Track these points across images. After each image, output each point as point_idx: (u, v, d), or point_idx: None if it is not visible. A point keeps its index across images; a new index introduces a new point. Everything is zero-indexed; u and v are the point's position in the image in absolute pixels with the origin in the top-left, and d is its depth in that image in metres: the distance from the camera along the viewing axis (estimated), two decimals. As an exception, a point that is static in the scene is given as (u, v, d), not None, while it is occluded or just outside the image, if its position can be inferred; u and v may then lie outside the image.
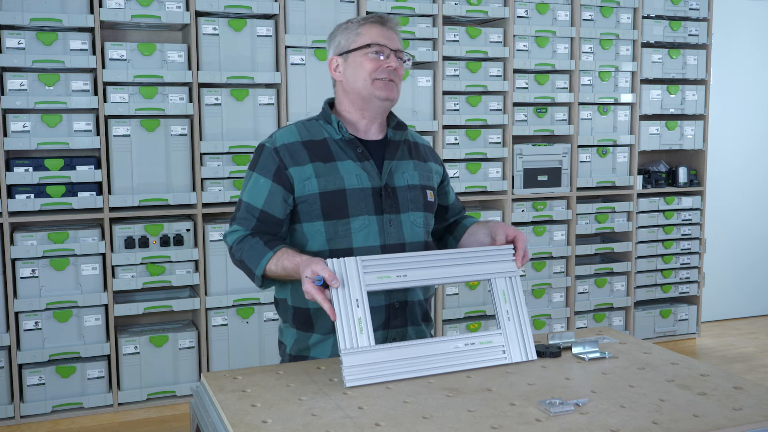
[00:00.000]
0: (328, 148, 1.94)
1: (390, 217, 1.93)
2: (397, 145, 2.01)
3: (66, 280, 3.58)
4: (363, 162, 1.94)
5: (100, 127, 3.59)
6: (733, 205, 5.52)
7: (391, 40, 1.95)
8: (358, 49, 1.93)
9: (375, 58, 1.92)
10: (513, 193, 4.36)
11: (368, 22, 1.96)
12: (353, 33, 1.95)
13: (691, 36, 4.74)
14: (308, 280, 1.66)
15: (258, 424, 1.43)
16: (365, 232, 1.90)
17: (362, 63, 1.93)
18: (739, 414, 1.47)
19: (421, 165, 2.04)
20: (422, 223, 1.99)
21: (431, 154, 2.13)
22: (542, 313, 4.49)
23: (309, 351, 1.95)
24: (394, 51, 1.94)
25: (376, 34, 1.93)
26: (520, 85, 4.35)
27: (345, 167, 1.92)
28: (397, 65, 1.94)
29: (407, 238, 1.95)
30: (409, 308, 1.97)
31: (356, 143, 1.96)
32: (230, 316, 3.82)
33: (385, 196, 1.94)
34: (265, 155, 1.93)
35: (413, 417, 1.46)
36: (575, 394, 1.57)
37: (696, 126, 4.83)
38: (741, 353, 4.78)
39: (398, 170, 1.98)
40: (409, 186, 1.98)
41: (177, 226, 3.73)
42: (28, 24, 3.45)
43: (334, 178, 1.90)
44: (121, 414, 3.70)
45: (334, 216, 1.88)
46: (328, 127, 1.98)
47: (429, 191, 2.03)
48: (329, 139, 1.96)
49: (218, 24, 3.72)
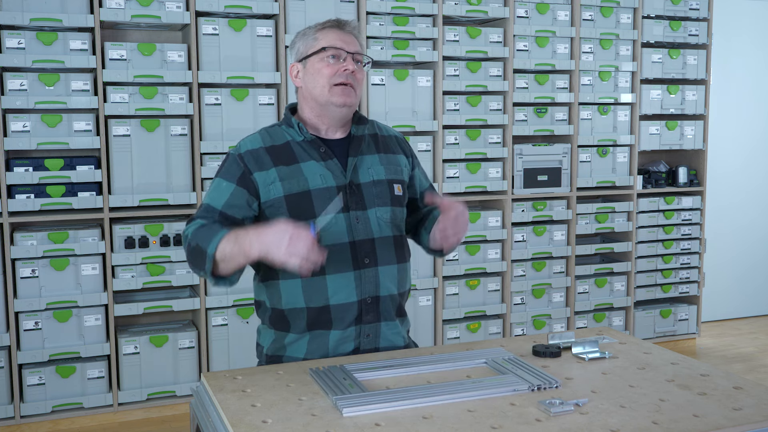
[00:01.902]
0: (290, 151, 1.94)
1: (357, 214, 1.93)
2: (360, 140, 2.01)
3: (66, 280, 3.58)
4: (326, 161, 1.94)
5: (100, 127, 3.58)
6: (733, 205, 5.52)
7: (349, 43, 1.94)
8: (315, 54, 1.93)
9: (332, 63, 1.92)
10: (513, 193, 4.36)
11: (325, 26, 1.95)
12: (311, 38, 1.95)
13: (691, 36, 4.74)
14: (294, 239, 1.62)
15: (258, 424, 1.43)
16: (333, 230, 1.89)
17: (320, 69, 1.92)
18: (739, 414, 1.47)
19: (388, 158, 2.03)
20: (389, 218, 1.98)
21: (401, 145, 2.11)
22: (542, 313, 4.48)
23: (285, 350, 1.96)
24: (351, 54, 1.93)
25: (332, 38, 1.93)
26: (520, 85, 4.35)
27: (308, 168, 1.92)
28: (355, 68, 1.92)
29: (375, 234, 1.95)
30: (382, 303, 1.95)
31: (318, 143, 1.96)
32: (230, 316, 3.82)
33: (350, 192, 1.93)
34: (230, 162, 1.93)
35: (413, 417, 1.45)
36: (575, 394, 1.57)
37: (696, 126, 4.83)
38: (741, 353, 4.78)
39: (363, 165, 1.98)
40: (374, 181, 1.97)
41: (177, 226, 3.72)
42: (28, 24, 3.45)
43: (298, 180, 1.90)
44: (121, 414, 3.70)
45: (301, 217, 1.85)
46: (290, 130, 1.97)
47: (396, 185, 2.02)
48: (292, 141, 1.96)
49: (218, 24, 3.72)
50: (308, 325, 1.93)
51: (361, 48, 1.98)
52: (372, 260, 1.93)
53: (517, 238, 4.40)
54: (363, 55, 1.97)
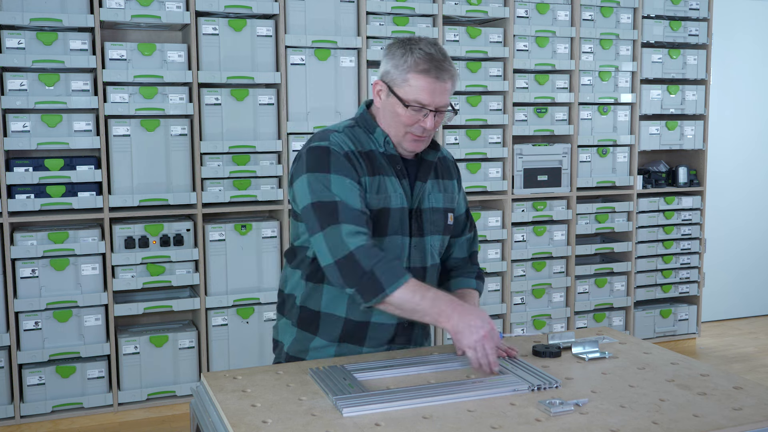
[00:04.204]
0: (377, 162, 1.85)
1: (416, 240, 1.90)
2: (430, 166, 1.93)
3: (66, 280, 3.58)
4: (402, 180, 1.87)
5: (100, 127, 3.58)
6: (733, 205, 5.52)
7: (439, 95, 1.79)
8: (398, 97, 1.80)
9: (413, 114, 1.80)
10: (513, 193, 4.36)
11: (421, 71, 1.77)
12: (402, 73, 1.79)
13: (691, 36, 4.74)
14: (487, 337, 1.62)
15: (258, 424, 1.43)
16: (395, 254, 1.87)
17: (399, 113, 1.81)
18: (739, 414, 1.47)
19: (445, 185, 1.99)
20: (439, 246, 1.96)
21: (453, 168, 2.06)
22: (542, 313, 4.48)
23: (307, 354, 1.93)
24: (434, 111, 1.79)
25: (421, 88, 1.77)
26: (520, 85, 4.35)
27: (391, 184, 1.85)
28: (433, 125, 1.81)
29: (428, 262, 1.93)
30: (416, 328, 1.98)
31: (397, 159, 1.87)
32: (230, 316, 3.82)
33: (414, 218, 1.90)
34: (336, 157, 1.79)
35: (413, 417, 1.45)
36: (575, 394, 1.57)
37: (696, 126, 4.83)
38: (741, 353, 4.78)
39: (426, 192, 1.93)
40: (433, 209, 1.93)
41: (177, 226, 3.72)
42: (28, 24, 3.45)
43: (384, 195, 1.83)
44: (121, 414, 3.70)
45: (375, 233, 1.82)
46: (372, 137, 1.88)
47: (450, 214, 1.99)
48: (375, 151, 1.87)
49: (218, 24, 3.72)
50: (341, 336, 1.90)
51: (450, 92, 1.83)
52: None
53: (517, 238, 4.40)
54: (449, 106, 1.83)
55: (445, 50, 1.84)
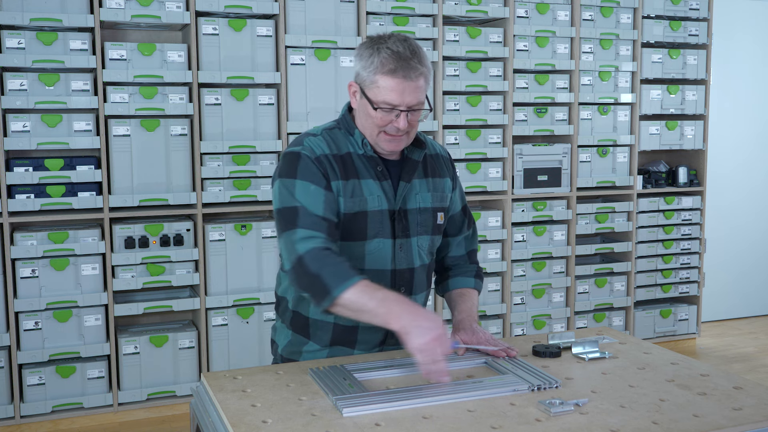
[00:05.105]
0: (353, 164, 1.83)
1: (401, 242, 1.88)
2: (414, 165, 1.90)
3: (66, 280, 3.58)
4: (382, 182, 1.85)
5: (100, 127, 3.58)
6: (733, 205, 5.52)
7: (409, 94, 1.74)
8: (368, 99, 1.78)
9: (384, 115, 1.77)
10: (513, 193, 4.36)
11: (386, 71, 1.73)
12: (370, 74, 1.76)
13: (691, 36, 4.74)
14: (437, 340, 1.56)
15: (258, 424, 1.43)
16: (378, 255, 1.85)
17: (371, 114, 1.78)
18: (739, 414, 1.47)
19: (435, 183, 1.95)
20: (428, 246, 1.93)
21: (447, 165, 2.01)
22: (542, 313, 4.48)
23: (300, 356, 1.94)
24: (406, 110, 1.76)
25: (390, 89, 1.74)
26: (520, 85, 4.35)
27: (368, 186, 1.83)
28: (407, 125, 1.78)
29: (415, 263, 1.91)
30: None
31: (377, 161, 1.85)
32: (230, 316, 3.82)
33: (398, 219, 1.87)
34: (305, 163, 1.78)
35: (413, 417, 1.45)
36: (575, 394, 1.57)
37: (696, 126, 4.83)
38: (741, 353, 4.78)
39: (412, 191, 1.89)
40: (420, 209, 1.90)
41: (177, 226, 3.72)
42: (28, 24, 3.45)
43: (360, 199, 1.81)
44: (121, 414, 3.70)
45: (353, 237, 1.81)
46: (351, 139, 1.86)
47: (440, 213, 1.95)
48: (353, 153, 1.85)
49: (218, 24, 3.72)
50: (332, 340, 1.91)
51: (424, 89, 1.78)
52: (407, 289, 1.90)
53: (517, 238, 4.40)
54: (421, 105, 1.79)
55: (417, 45, 1.78)
